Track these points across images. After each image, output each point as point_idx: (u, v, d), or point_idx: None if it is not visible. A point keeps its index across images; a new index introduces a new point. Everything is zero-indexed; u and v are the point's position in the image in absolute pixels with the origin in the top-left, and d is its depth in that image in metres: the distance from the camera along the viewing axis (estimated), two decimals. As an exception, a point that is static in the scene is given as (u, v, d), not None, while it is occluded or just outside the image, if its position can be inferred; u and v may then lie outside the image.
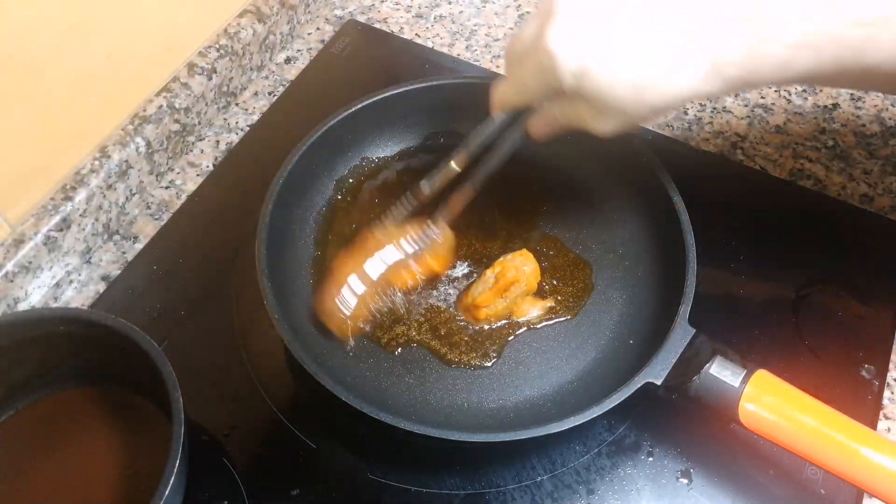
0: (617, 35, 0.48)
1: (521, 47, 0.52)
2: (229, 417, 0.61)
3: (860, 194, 0.76)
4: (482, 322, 0.65)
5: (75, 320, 0.54)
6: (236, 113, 0.82)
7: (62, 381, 0.59)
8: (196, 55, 0.78)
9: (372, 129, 0.73)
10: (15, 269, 0.64)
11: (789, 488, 0.58)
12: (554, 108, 0.56)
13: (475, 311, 0.64)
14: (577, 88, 0.49)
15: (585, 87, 0.49)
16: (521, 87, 0.54)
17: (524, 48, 0.52)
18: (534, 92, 0.53)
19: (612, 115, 0.51)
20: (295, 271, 0.67)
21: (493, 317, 0.64)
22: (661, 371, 0.55)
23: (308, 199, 0.71)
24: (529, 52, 0.51)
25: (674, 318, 0.57)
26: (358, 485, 0.58)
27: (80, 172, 0.68)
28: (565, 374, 0.63)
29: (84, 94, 0.67)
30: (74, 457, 0.57)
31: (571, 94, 0.50)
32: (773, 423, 0.53)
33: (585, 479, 0.59)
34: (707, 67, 0.47)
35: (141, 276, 0.69)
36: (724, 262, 0.70)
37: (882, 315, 0.67)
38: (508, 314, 0.65)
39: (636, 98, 0.49)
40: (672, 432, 0.61)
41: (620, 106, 0.49)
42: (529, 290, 0.65)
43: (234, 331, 0.66)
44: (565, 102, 0.54)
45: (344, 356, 0.63)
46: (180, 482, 0.50)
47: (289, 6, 0.86)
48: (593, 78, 0.48)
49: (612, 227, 0.70)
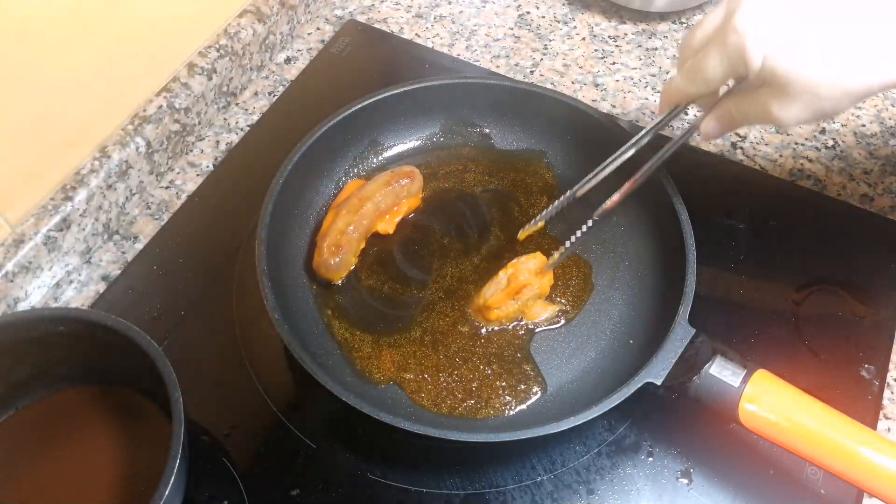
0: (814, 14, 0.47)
1: (701, 35, 0.52)
2: (229, 417, 0.61)
3: (860, 194, 0.76)
4: (493, 323, 0.64)
5: (75, 320, 0.54)
6: (236, 113, 0.82)
7: (62, 381, 0.59)
8: (196, 55, 0.78)
9: (372, 129, 0.74)
10: (15, 269, 0.64)
11: (789, 488, 0.58)
12: (728, 102, 0.54)
13: (486, 312, 0.64)
14: (765, 71, 0.48)
15: (776, 68, 0.48)
16: (699, 76, 0.53)
17: (706, 35, 0.51)
18: (716, 80, 0.52)
19: (800, 101, 0.49)
20: (295, 271, 0.67)
21: (505, 318, 0.64)
22: (661, 371, 0.55)
23: (308, 199, 0.71)
24: (714, 39, 0.50)
25: (674, 318, 0.58)
26: (358, 485, 0.58)
27: (80, 172, 0.68)
28: (565, 374, 0.63)
29: (84, 94, 0.67)
30: (74, 457, 0.57)
31: (756, 79, 0.49)
32: (773, 423, 0.53)
33: (585, 479, 0.59)
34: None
35: (141, 276, 0.69)
36: (724, 262, 0.70)
37: (882, 315, 0.67)
38: (519, 316, 0.65)
39: (833, 85, 0.47)
40: (672, 432, 0.61)
41: (814, 89, 0.48)
42: (542, 294, 0.65)
43: (234, 331, 0.66)
44: (743, 94, 0.53)
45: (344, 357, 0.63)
46: (180, 482, 0.50)
47: (289, 6, 0.86)
48: (787, 61, 0.47)
49: (612, 227, 0.70)
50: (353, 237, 0.65)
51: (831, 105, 0.49)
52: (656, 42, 0.90)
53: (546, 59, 0.88)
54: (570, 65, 0.87)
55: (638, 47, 0.89)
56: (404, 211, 0.71)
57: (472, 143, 0.77)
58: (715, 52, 0.50)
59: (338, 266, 0.65)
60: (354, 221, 0.66)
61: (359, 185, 0.69)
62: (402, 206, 0.70)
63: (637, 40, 0.90)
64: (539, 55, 0.88)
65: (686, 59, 0.54)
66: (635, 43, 0.89)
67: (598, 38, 0.90)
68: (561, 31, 0.91)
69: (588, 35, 0.90)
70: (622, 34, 0.90)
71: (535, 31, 0.91)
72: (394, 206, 0.69)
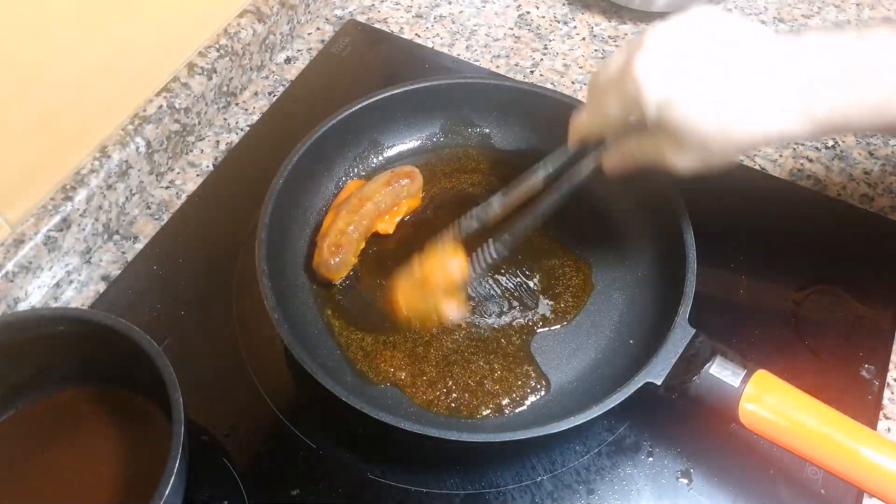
0: (706, 70, 0.48)
1: (605, 77, 0.52)
2: (229, 417, 0.61)
3: (860, 194, 0.76)
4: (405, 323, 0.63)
5: (75, 320, 0.54)
6: (236, 113, 0.82)
7: (62, 381, 0.59)
8: (196, 55, 0.78)
9: (372, 129, 0.74)
10: (15, 269, 0.64)
11: (789, 488, 0.58)
12: (631, 142, 0.55)
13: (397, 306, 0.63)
14: (660, 120, 0.49)
15: (669, 118, 0.49)
16: (602, 116, 0.54)
17: (609, 78, 0.52)
18: (615, 122, 0.53)
19: (693, 151, 0.51)
20: (295, 271, 0.67)
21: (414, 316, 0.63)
22: (661, 371, 0.55)
23: (308, 199, 0.71)
24: (615, 82, 0.51)
25: (674, 318, 0.58)
26: (358, 485, 0.58)
27: (80, 172, 0.68)
28: (565, 374, 0.63)
29: (84, 94, 0.67)
30: (74, 457, 0.57)
31: (653, 126, 0.50)
32: (773, 423, 0.53)
33: (585, 479, 0.59)
34: (798, 108, 0.47)
35: (141, 276, 0.69)
36: (724, 262, 0.70)
37: (882, 315, 0.67)
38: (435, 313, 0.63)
39: (721, 134, 0.48)
40: (672, 432, 0.61)
41: (703, 141, 0.49)
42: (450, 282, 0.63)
43: (234, 331, 0.66)
44: (644, 137, 0.54)
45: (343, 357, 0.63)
46: (180, 482, 0.50)
47: (289, 6, 0.86)
48: (678, 110, 0.48)
49: (613, 227, 0.70)
50: (353, 237, 0.65)
51: (719, 156, 0.51)
52: (656, 42, 0.90)
53: (546, 59, 0.88)
54: (570, 65, 0.87)
55: (638, 47, 0.89)
56: (404, 211, 0.71)
57: (472, 143, 0.77)
58: (615, 95, 0.51)
59: (338, 266, 0.65)
60: (354, 221, 0.66)
61: (359, 185, 0.70)
62: (402, 206, 0.70)
63: (637, 40, 0.90)
64: (539, 55, 0.88)
65: (593, 95, 0.55)
66: (635, 43, 0.89)
67: (598, 38, 0.90)
68: (561, 31, 0.91)
69: (588, 35, 0.90)
70: (622, 34, 0.90)
71: (535, 31, 0.91)
72: (394, 206, 0.69)
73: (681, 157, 0.52)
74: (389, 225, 0.70)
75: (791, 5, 0.94)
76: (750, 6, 0.94)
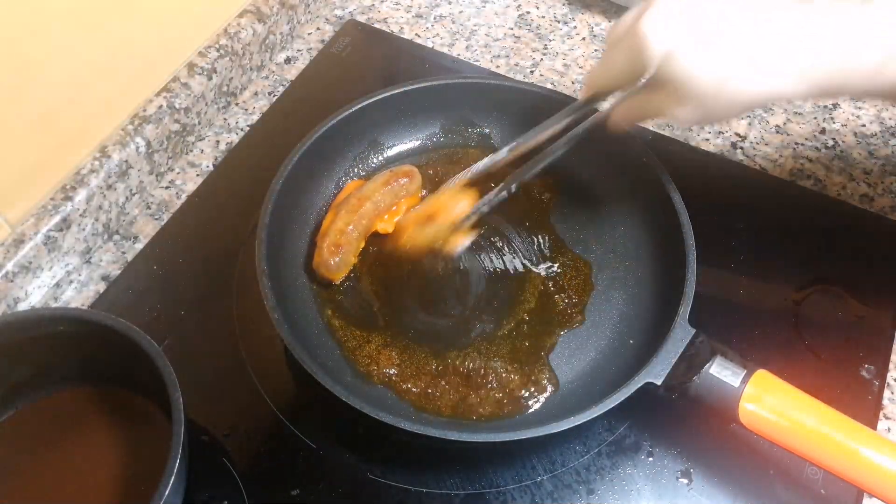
0: (707, 27, 0.50)
1: (618, 31, 0.55)
2: (229, 417, 0.61)
3: (860, 194, 0.76)
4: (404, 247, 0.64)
5: (75, 320, 0.54)
6: (236, 113, 0.82)
7: (62, 381, 0.59)
8: (196, 55, 0.78)
9: (372, 129, 0.74)
10: (15, 269, 0.64)
11: (789, 488, 0.58)
12: (636, 96, 0.57)
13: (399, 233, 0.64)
14: (661, 72, 0.51)
15: (669, 71, 0.51)
16: (611, 69, 0.56)
17: (621, 32, 0.54)
18: (623, 75, 0.55)
19: (692, 105, 0.52)
20: (295, 271, 0.67)
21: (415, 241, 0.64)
22: (661, 371, 0.55)
23: (308, 199, 0.71)
24: (624, 36, 0.53)
25: (674, 318, 0.57)
26: (358, 485, 0.58)
27: (80, 172, 0.68)
28: (565, 374, 0.63)
29: (84, 94, 0.67)
30: (74, 457, 0.57)
31: (655, 79, 0.52)
32: (773, 423, 0.53)
33: (585, 479, 0.59)
34: (795, 69, 0.49)
35: (141, 276, 0.69)
36: (724, 262, 0.70)
37: (882, 315, 0.67)
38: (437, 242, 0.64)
39: (717, 90, 0.50)
40: (672, 432, 0.61)
41: (701, 96, 0.51)
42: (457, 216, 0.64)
43: (234, 331, 0.66)
44: (649, 90, 0.55)
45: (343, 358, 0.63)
46: (180, 482, 0.50)
47: (289, 6, 0.86)
48: (677, 64, 0.50)
49: (613, 227, 0.70)
50: (352, 237, 0.65)
51: (720, 111, 0.52)
52: (656, 42, 0.90)
53: (546, 59, 0.88)
54: (570, 65, 0.87)
55: (638, 47, 0.89)
56: (404, 210, 0.71)
57: (472, 143, 0.77)
58: (623, 48, 0.54)
59: (338, 266, 0.65)
60: (354, 221, 0.66)
61: (358, 185, 0.70)
62: (401, 206, 0.70)
63: (637, 40, 0.90)
64: (539, 55, 0.88)
65: (607, 48, 0.57)
66: (635, 43, 0.89)
67: (598, 38, 0.90)
68: (561, 31, 0.91)
69: (588, 35, 0.90)
70: (622, 34, 0.90)
71: (535, 31, 0.91)
72: (393, 205, 0.69)
73: (681, 110, 0.53)
74: (389, 224, 0.70)
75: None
76: (750, 6, 0.94)
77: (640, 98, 0.57)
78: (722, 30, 0.50)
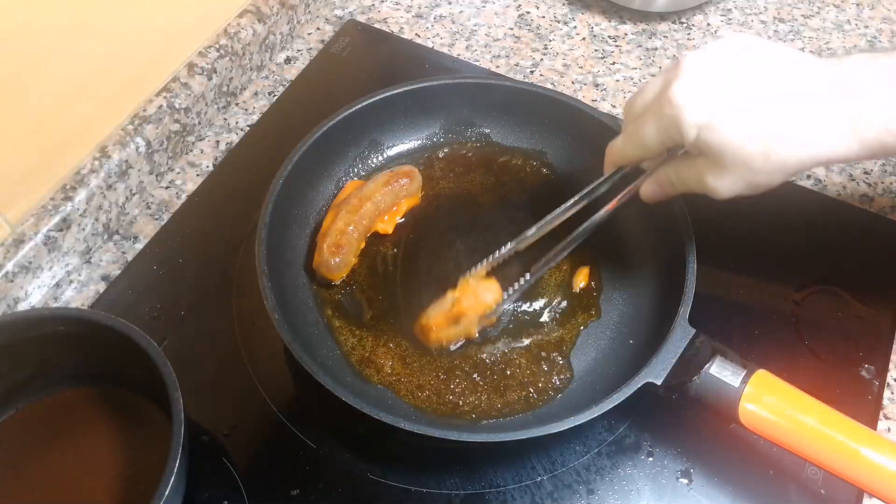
0: (748, 93, 0.48)
1: (642, 102, 0.52)
2: (229, 417, 0.61)
3: (860, 194, 0.76)
4: (433, 344, 0.63)
5: (75, 320, 0.54)
6: (236, 113, 0.82)
7: (62, 381, 0.59)
8: (196, 55, 0.78)
9: (372, 129, 0.74)
10: (15, 269, 0.64)
11: (789, 488, 0.58)
12: (668, 168, 0.55)
13: (427, 333, 0.62)
14: (699, 143, 0.49)
15: (710, 141, 0.48)
16: (639, 141, 0.53)
17: (646, 103, 0.52)
18: (653, 147, 0.53)
19: (734, 174, 0.50)
20: (295, 271, 0.67)
21: (445, 340, 0.62)
22: (661, 371, 0.55)
23: (308, 199, 0.71)
24: (652, 107, 0.51)
25: (674, 318, 0.58)
26: (358, 485, 0.58)
27: (80, 172, 0.68)
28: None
29: (84, 94, 0.67)
30: (74, 457, 0.57)
31: (692, 149, 0.50)
32: (773, 423, 0.53)
33: (585, 479, 0.59)
34: (845, 129, 0.47)
35: (141, 276, 0.69)
36: (724, 262, 0.70)
37: (882, 315, 0.67)
38: (461, 337, 0.63)
39: (767, 156, 0.48)
40: (672, 432, 0.61)
41: (746, 162, 0.49)
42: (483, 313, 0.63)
43: (234, 331, 0.66)
44: (682, 161, 0.54)
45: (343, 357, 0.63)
46: (180, 482, 0.50)
47: (289, 6, 0.86)
48: (721, 133, 0.48)
49: (613, 228, 0.70)
50: (352, 237, 0.65)
51: (765, 179, 0.50)
52: (656, 42, 0.90)
53: (546, 59, 0.88)
54: (570, 65, 0.87)
55: (638, 47, 0.89)
56: (404, 210, 0.71)
57: (472, 143, 0.77)
58: (652, 121, 0.51)
59: (338, 266, 0.65)
60: (354, 221, 0.66)
61: (358, 185, 0.70)
62: (401, 206, 0.70)
63: (637, 40, 0.90)
64: (539, 55, 0.88)
65: (628, 122, 0.55)
66: (635, 43, 0.89)
67: (598, 38, 0.90)
68: (561, 31, 0.91)
69: (588, 35, 0.90)
70: (622, 34, 0.90)
71: (535, 31, 0.91)
72: (393, 205, 0.69)
73: (721, 181, 0.51)
74: (389, 225, 0.70)
75: (791, 5, 0.94)
76: (750, 6, 0.94)
77: (671, 170, 0.55)
78: (764, 95, 0.47)
